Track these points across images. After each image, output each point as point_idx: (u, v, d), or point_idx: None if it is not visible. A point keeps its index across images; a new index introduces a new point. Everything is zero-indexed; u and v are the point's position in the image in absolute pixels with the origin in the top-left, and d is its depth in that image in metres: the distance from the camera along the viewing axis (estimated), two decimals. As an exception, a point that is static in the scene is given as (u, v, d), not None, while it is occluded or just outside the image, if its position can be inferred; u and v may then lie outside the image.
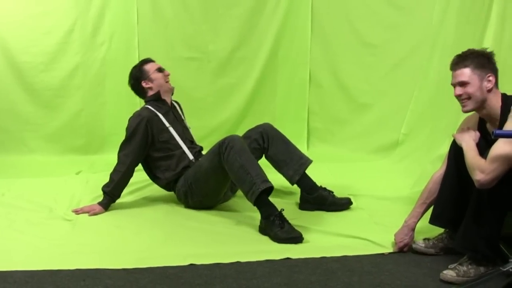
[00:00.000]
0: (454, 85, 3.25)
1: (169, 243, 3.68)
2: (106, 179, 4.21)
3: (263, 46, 5.89)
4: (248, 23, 5.83)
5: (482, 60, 3.19)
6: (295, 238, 3.68)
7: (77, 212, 4.15)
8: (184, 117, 4.61)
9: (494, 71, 3.20)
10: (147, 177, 4.46)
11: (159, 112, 4.31)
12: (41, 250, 3.54)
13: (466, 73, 3.20)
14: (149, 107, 4.32)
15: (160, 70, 4.40)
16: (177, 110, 4.53)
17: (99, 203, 4.19)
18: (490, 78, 3.17)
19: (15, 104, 5.59)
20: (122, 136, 4.24)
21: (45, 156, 5.60)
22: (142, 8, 5.64)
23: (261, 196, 3.78)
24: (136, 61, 4.90)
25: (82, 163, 5.46)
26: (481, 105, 3.24)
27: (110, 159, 5.27)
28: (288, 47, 5.94)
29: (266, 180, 3.81)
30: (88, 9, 5.54)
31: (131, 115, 4.29)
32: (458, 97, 3.25)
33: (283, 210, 3.81)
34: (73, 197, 4.47)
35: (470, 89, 3.21)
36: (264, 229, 3.80)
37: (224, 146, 3.90)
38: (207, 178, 4.10)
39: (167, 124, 4.30)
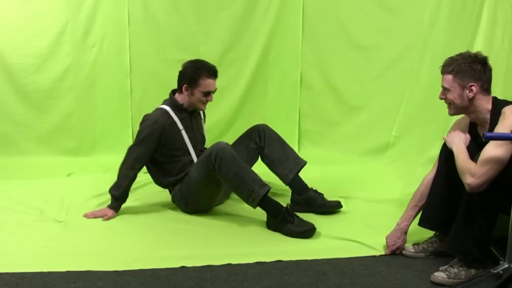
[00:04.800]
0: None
1: (160, 245, 3.68)
2: (97, 181, 4.22)
3: (254, 48, 5.87)
4: (239, 25, 5.81)
5: (464, 68, 3.19)
6: (310, 230, 3.77)
7: (88, 216, 4.08)
8: (204, 126, 4.54)
9: (478, 79, 3.18)
10: (139, 179, 4.41)
11: (177, 116, 4.20)
12: (31, 252, 3.53)
13: (448, 79, 3.23)
14: (168, 110, 4.20)
15: (207, 94, 4.18)
16: (196, 117, 4.42)
17: (110, 207, 4.11)
18: (472, 87, 3.18)
19: (6, 105, 5.55)
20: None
21: (36, 158, 5.55)
22: (133, 10, 5.60)
23: (263, 199, 3.82)
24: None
25: (73, 165, 5.40)
26: (465, 111, 3.28)
27: (101, 161, 5.29)
28: (279, 49, 5.92)
29: (263, 184, 3.85)
30: (79, 11, 5.50)
31: (147, 112, 4.19)
32: (443, 100, 3.30)
33: (289, 204, 3.89)
34: (64, 199, 4.45)
35: (450, 96, 3.24)
36: (273, 226, 3.86)
37: (213, 157, 3.85)
38: (199, 188, 4.07)
39: (180, 127, 4.21)
